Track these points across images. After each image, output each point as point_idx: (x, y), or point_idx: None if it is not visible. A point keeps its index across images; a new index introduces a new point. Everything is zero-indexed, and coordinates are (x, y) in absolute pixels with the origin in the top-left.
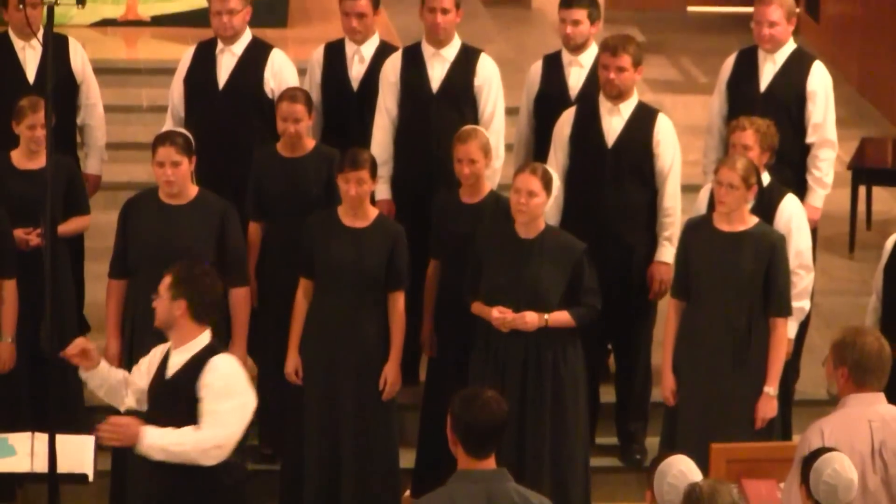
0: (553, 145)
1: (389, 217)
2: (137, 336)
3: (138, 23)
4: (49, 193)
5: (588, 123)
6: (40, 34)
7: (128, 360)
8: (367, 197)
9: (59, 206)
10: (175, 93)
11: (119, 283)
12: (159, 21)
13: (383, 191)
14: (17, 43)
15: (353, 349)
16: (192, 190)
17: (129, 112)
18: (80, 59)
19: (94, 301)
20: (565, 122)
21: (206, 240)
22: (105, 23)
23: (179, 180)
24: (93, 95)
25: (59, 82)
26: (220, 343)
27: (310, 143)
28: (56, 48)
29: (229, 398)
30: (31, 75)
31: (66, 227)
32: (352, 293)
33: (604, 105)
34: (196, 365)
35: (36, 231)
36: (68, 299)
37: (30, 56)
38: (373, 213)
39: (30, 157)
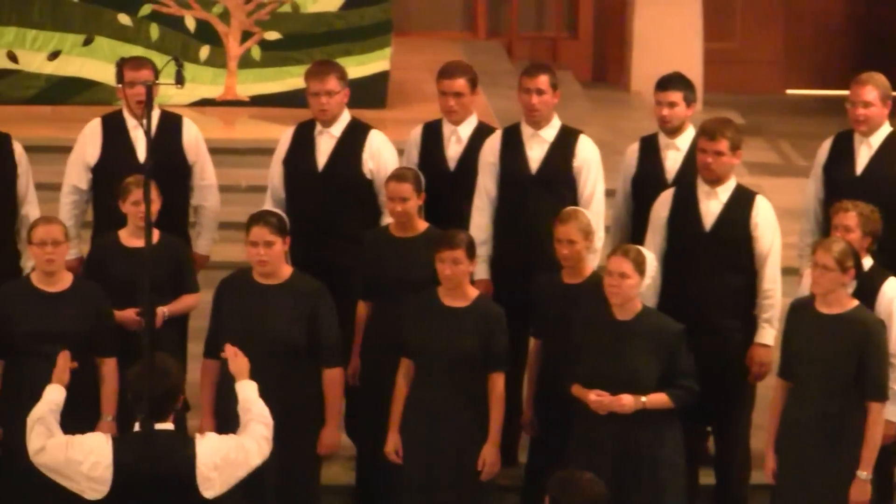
0: (650, 228)
1: (488, 297)
2: (233, 415)
3: (236, 103)
4: (146, 272)
5: (685, 207)
6: (153, 114)
7: None
8: (464, 277)
9: (167, 285)
10: (274, 175)
11: (213, 364)
12: (257, 101)
13: (482, 271)
14: (130, 122)
15: (451, 430)
16: (286, 270)
17: (227, 192)
18: (193, 139)
19: (195, 380)
20: (662, 205)
21: (297, 321)
22: (203, 103)
23: (272, 260)
24: (207, 176)
25: (168, 162)
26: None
27: (422, 225)
28: (168, 128)
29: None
30: (141, 155)
31: (174, 307)
32: (449, 374)
33: (701, 188)
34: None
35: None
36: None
37: (140, 136)
38: (472, 293)
39: (136, 234)
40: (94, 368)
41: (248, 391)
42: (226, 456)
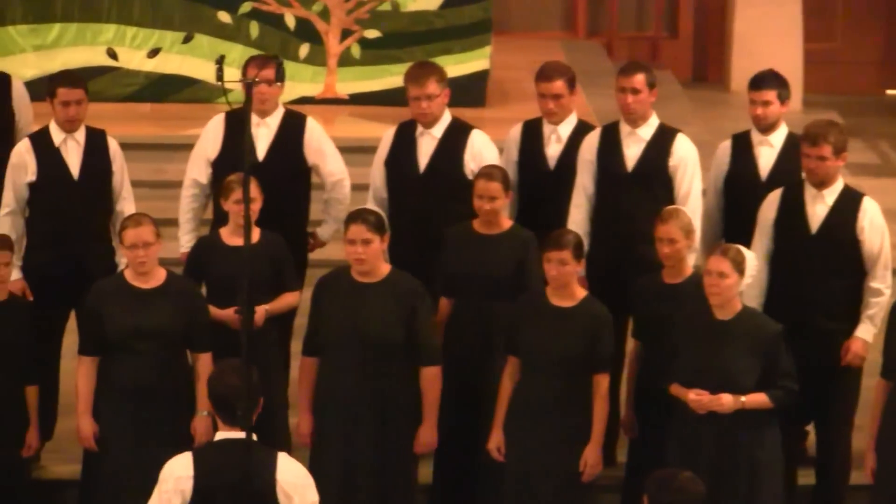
0: (758, 228)
1: (595, 299)
2: (330, 414)
3: (336, 101)
4: (245, 270)
5: (792, 209)
6: (276, 112)
7: (318, 439)
8: (571, 278)
9: (268, 284)
10: (376, 176)
11: (312, 362)
12: (357, 99)
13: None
14: (253, 119)
15: (554, 430)
16: (384, 269)
17: (316, 188)
18: (315, 139)
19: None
20: (770, 206)
21: (396, 319)
22: (303, 101)
23: (370, 258)
24: (337, 171)
25: (287, 160)
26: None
27: (506, 223)
28: (291, 127)
29: None
30: (260, 152)
31: (275, 306)
32: (554, 374)
33: (808, 191)
34: None
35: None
36: (275, 377)
37: (261, 133)
38: (580, 293)
39: (238, 233)
40: (188, 364)
41: None
42: (305, 484)
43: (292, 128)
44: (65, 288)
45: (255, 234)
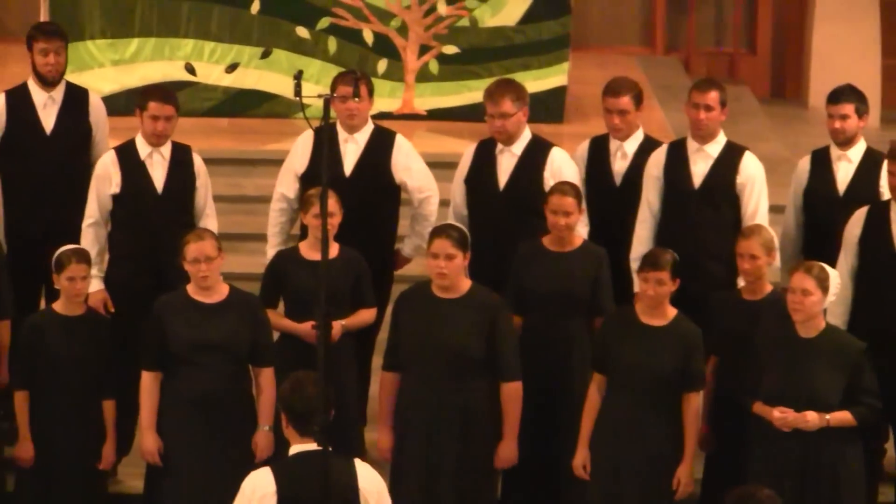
0: (843, 246)
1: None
2: (412, 429)
3: (414, 116)
4: (322, 285)
5: (877, 226)
6: (366, 128)
7: (398, 454)
8: (665, 297)
9: (345, 299)
10: (456, 193)
11: (392, 377)
12: (435, 115)
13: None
14: (341, 135)
15: (641, 449)
16: (465, 284)
17: (405, 205)
18: (403, 156)
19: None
20: (855, 223)
21: (476, 335)
22: (381, 116)
23: (452, 273)
24: (426, 188)
25: (374, 176)
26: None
27: (578, 240)
28: (379, 143)
29: None
30: (347, 167)
31: (352, 321)
32: (644, 392)
33: (893, 208)
34: None
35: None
36: (350, 391)
37: (349, 149)
38: (671, 312)
39: (317, 247)
40: (249, 379)
41: None
42: (381, 491)
43: (380, 144)
44: (145, 301)
45: (334, 249)
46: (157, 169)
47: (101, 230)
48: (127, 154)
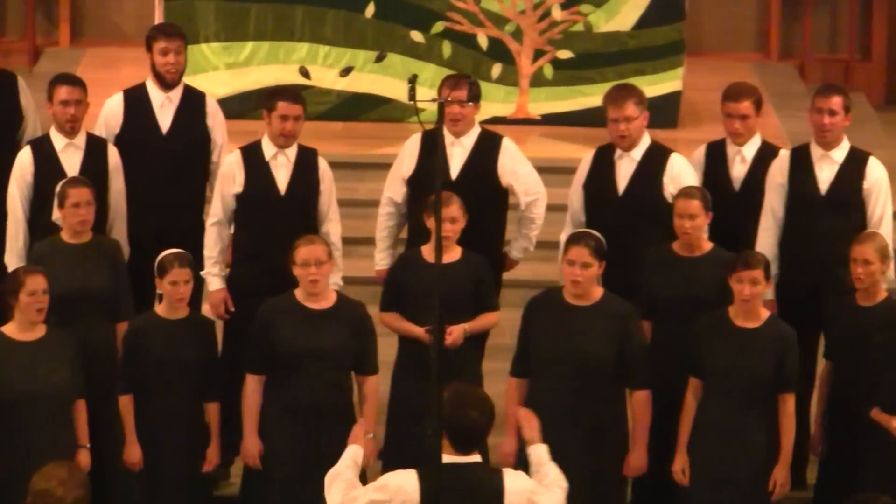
0: None
1: (780, 318)
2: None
3: (528, 121)
4: (437, 289)
5: None
6: (472, 132)
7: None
8: (759, 298)
9: (468, 302)
10: (574, 198)
11: (520, 383)
12: (549, 120)
13: (767, 292)
14: (448, 138)
15: (741, 451)
16: (597, 292)
17: (511, 209)
18: (510, 159)
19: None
20: None
21: (608, 343)
22: (495, 121)
23: (586, 282)
24: (533, 192)
25: (481, 180)
26: None
27: (706, 245)
28: (486, 146)
29: None
30: (454, 172)
31: (474, 325)
32: (740, 394)
33: None
34: None
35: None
36: None
37: (456, 153)
38: (764, 314)
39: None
40: (352, 385)
41: (542, 454)
42: (531, 497)
43: (487, 147)
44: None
45: (457, 252)
46: (282, 171)
47: (225, 230)
48: (252, 154)
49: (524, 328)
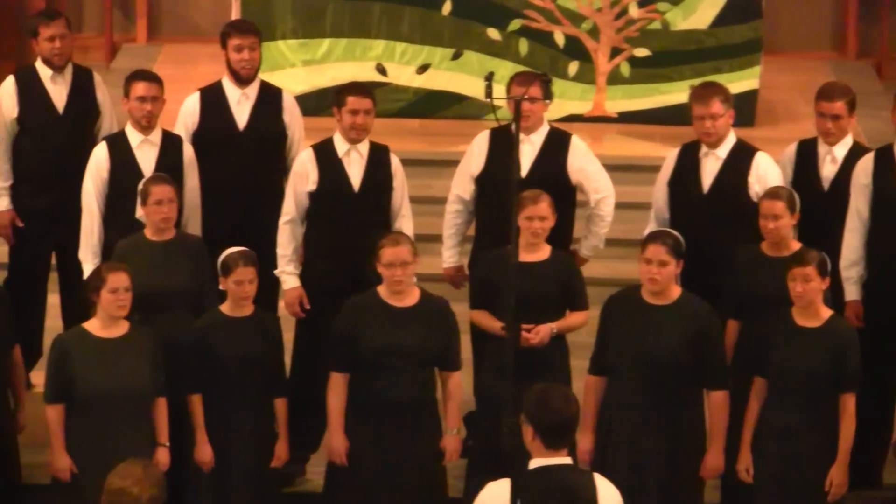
0: None
1: (841, 317)
2: (615, 436)
3: (605, 119)
4: (511, 288)
5: None
6: (541, 129)
7: (600, 459)
8: (816, 296)
9: (556, 301)
10: (659, 196)
11: (598, 381)
12: (625, 118)
13: (853, 292)
14: (524, 139)
15: (802, 450)
16: (675, 291)
17: (580, 206)
18: (579, 158)
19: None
20: None
21: (685, 342)
22: (572, 118)
23: (663, 280)
24: (602, 188)
25: (551, 178)
26: None
27: (794, 244)
28: (555, 145)
29: None
30: (524, 170)
31: (562, 324)
32: (801, 394)
33: None
34: None
35: (529, 327)
36: None
37: (526, 150)
38: (825, 313)
39: (528, 249)
40: (436, 382)
41: None
42: (619, 499)
43: (556, 145)
44: (339, 300)
45: (546, 251)
46: (354, 167)
47: (298, 228)
48: (324, 151)
49: (602, 326)
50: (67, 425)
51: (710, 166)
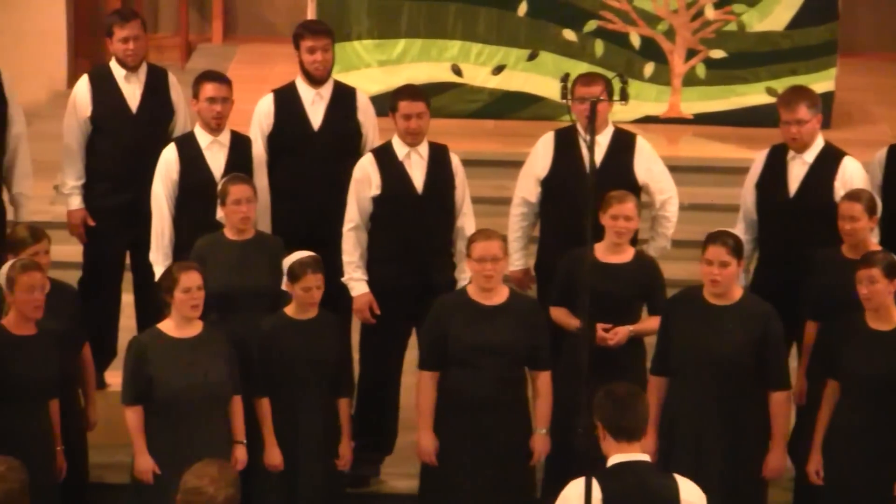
0: None
1: None
2: (679, 437)
3: (680, 120)
4: (586, 288)
5: None
6: (606, 130)
7: (663, 460)
8: (884, 297)
9: (637, 303)
10: (747, 197)
11: (660, 381)
12: (701, 119)
13: None
14: (582, 137)
15: (870, 453)
16: (737, 292)
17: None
18: (644, 159)
19: None
20: None
21: (747, 343)
22: (647, 120)
23: (725, 281)
24: (667, 189)
25: (617, 179)
26: None
27: (874, 248)
28: (621, 146)
29: None
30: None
31: (639, 327)
32: (872, 397)
33: None
34: None
35: (608, 327)
36: None
37: (599, 148)
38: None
39: (613, 250)
40: (525, 380)
41: None
42: (702, 498)
43: (622, 146)
44: (408, 302)
45: (629, 253)
46: (416, 169)
47: (363, 234)
48: (385, 155)
49: (664, 327)
50: (147, 426)
51: (797, 171)
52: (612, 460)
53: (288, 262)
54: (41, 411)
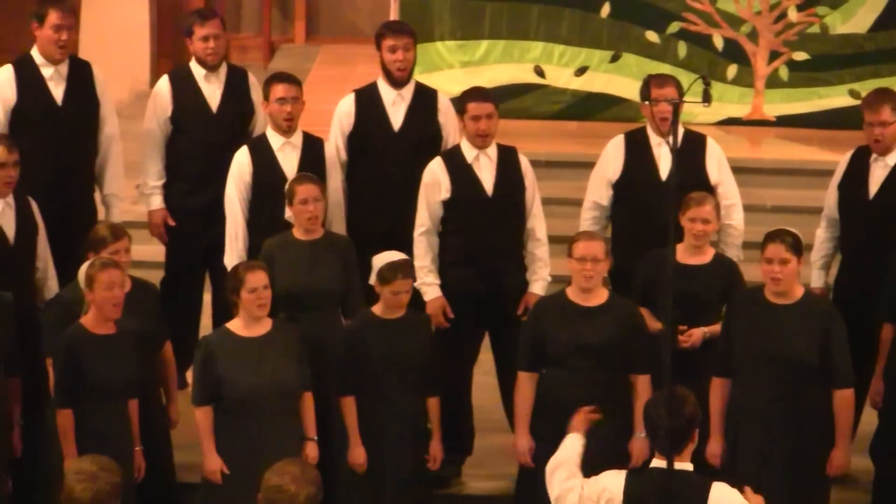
0: None
1: None
2: (743, 439)
3: (763, 122)
4: (668, 290)
5: None
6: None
7: (730, 460)
8: None
9: (715, 305)
10: (830, 197)
11: (723, 383)
12: (784, 121)
13: None
14: (653, 139)
15: None
16: (799, 290)
17: (751, 212)
18: (715, 159)
19: None
20: None
21: (810, 341)
22: (730, 122)
23: (786, 279)
24: (731, 195)
25: (689, 181)
26: None
27: None
28: (691, 147)
29: None
30: (663, 173)
31: (714, 328)
32: None
33: None
34: None
35: (683, 328)
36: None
37: (663, 153)
38: None
39: (691, 252)
40: (621, 383)
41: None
42: None
43: (694, 148)
44: (480, 305)
45: (709, 254)
46: (485, 171)
47: (434, 238)
48: (454, 159)
49: (725, 327)
50: (216, 426)
51: (878, 173)
52: (655, 462)
53: (378, 262)
54: (119, 411)
